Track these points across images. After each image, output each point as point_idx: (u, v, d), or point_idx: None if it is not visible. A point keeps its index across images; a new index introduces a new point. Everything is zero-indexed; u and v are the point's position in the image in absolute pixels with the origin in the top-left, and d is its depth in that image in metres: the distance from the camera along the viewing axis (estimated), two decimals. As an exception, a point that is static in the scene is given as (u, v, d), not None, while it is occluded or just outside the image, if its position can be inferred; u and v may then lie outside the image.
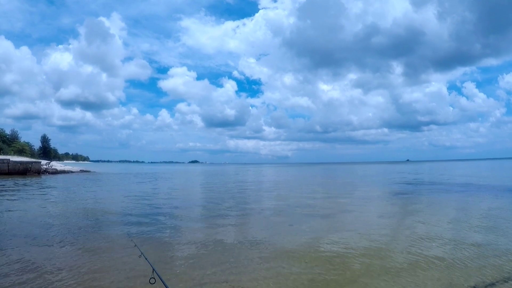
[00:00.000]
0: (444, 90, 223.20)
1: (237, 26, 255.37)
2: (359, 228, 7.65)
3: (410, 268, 4.74)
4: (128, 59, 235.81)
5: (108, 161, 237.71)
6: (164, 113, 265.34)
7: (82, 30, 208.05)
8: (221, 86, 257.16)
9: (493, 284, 4.11)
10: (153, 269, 2.93)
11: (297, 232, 7.30)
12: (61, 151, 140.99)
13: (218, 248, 5.95)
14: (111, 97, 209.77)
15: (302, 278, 4.46)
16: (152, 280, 2.79)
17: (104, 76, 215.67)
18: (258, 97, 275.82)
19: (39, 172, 32.61)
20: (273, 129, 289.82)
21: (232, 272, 4.71)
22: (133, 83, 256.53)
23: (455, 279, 4.28)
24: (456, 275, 4.43)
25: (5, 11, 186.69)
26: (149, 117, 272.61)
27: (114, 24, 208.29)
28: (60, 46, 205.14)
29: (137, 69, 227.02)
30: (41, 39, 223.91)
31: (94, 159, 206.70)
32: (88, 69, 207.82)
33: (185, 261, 5.19)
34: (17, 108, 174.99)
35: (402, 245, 6.04)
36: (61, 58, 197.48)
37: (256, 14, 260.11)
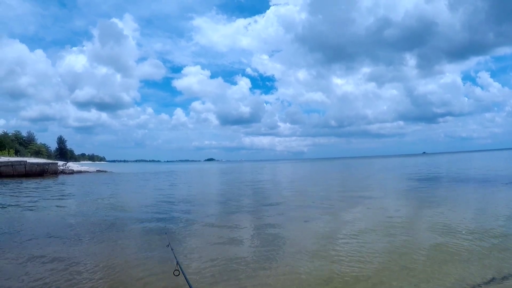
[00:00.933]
0: (459, 80, 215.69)
1: (249, 23, 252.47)
2: (377, 225, 7.23)
3: (428, 263, 4.65)
4: (142, 59, 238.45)
5: (124, 161, 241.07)
6: (179, 112, 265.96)
7: (95, 32, 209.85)
8: (235, 83, 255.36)
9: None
10: (177, 262, 2.90)
11: (313, 230, 7.13)
12: (77, 152, 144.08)
13: (233, 247, 5.83)
14: (126, 97, 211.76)
15: (320, 278, 4.31)
16: (176, 272, 2.74)
17: (118, 77, 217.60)
18: (272, 93, 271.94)
19: (56, 172, 32.54)
20: (288, 125, 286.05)
21: (243, 270, 4.60)
22: (147, 83, 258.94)
23: (474, 272, 4.20)
24: (475, 268, 4.37)
25: (18, 14, 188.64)
26: (164, 116, 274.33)
27: (127, 25, 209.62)
28: (74, 48, 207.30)
29: (151, 69, 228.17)
30: (55, 41, 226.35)
31: (110, 159, 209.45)
32: (103, 70, 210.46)
33: (198, 259, 5.14)
34: (33, 110, 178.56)
35: (422, 241, 5.85)
36: (75, 60, 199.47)
37: (267, 11, 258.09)
